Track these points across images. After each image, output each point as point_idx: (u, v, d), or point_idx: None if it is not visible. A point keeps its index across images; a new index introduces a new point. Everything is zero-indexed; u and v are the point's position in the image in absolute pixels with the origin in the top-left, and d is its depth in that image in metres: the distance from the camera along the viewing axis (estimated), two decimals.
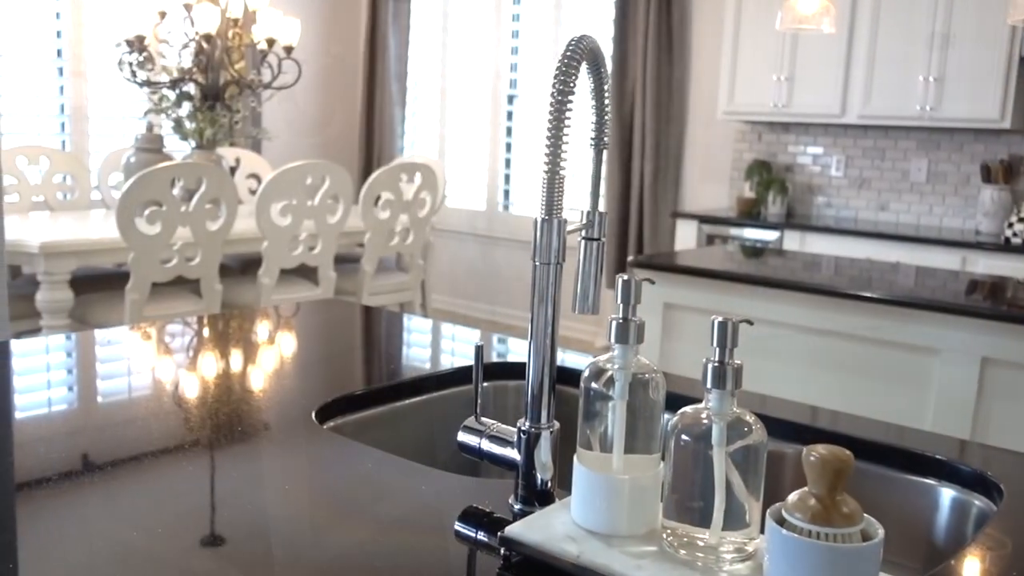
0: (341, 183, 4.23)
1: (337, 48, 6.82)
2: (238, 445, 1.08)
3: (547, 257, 0.90)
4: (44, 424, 1.13)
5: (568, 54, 0.90)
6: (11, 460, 1.00)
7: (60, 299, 3.64)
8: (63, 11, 5.29)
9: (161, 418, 1.16)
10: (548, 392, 0.92)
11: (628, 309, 0.83)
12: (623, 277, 0.83)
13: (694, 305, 2.77)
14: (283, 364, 1.45)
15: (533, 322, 0.91)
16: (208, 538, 0.83)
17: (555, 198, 0.89)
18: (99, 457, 1.02)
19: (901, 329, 2.41)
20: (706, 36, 5.31)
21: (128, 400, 1.25)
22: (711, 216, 4.83)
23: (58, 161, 4.63)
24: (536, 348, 0.91)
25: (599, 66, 0.99)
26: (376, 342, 1.68)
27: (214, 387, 1.31)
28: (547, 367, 0.91)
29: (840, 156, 4.93)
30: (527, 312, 4.19)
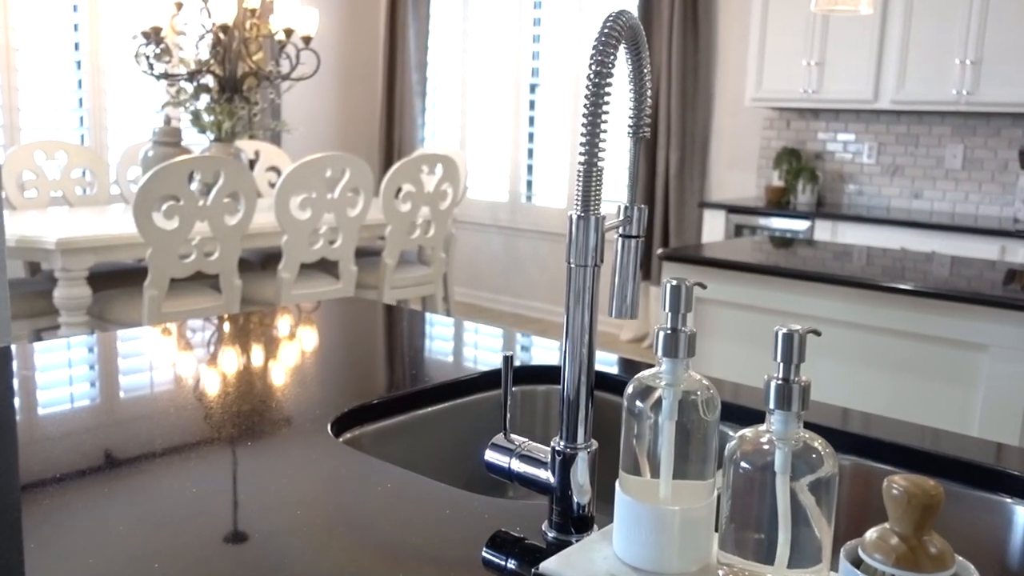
0: (361, 175, 4.16)
1: (356, 38, 6.74)
2: (248, 461, 1.00)
3: (583, 258, 0.81)
4: (41, 433, 1.06)
5: (605, 31, 0.80)
6: (14, 466, 0.93)
7: (78, 296, 3.59)
8: (80, 3, 5.23)
9: (166, 430, 1.08)
10: (585, 408, 0.83)
11: (677, 318, 0.73)
12: (671, 282, 0.74)
13: (727, 300, 2.66)
14: (299, 370, 1.37)
15: (568, 330, 0.82)
16: (205, 574, 0.75)
17: (592, 193, 0.80)
18: (96, 473, 0.94)
19: (947, 324, 2.30)
20: (733, 20, 5.18)
21: (129, 409, 1.17)
22: (739, 206, 4.71)
23: (76, 156, 4.58)
24: (572, 358, 0.82)
25: (639, 46, 0.90)
26: (397, 344, 1.60)
27: (225, 397, 1.23)
28: (584, 380, 0.82)
29: (872, 143, 4.80)
30: (551, 305, 4.13)
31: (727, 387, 1.34)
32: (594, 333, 0.82)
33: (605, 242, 0.84)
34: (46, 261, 3.60)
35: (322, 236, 4.16)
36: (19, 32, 5.00)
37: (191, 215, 3.60)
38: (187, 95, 4.36)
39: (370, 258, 4.81)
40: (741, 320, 2.66)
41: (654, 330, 0.73)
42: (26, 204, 4.37)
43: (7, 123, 5.01)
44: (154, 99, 5.33)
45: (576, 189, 0.81)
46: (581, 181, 0.80)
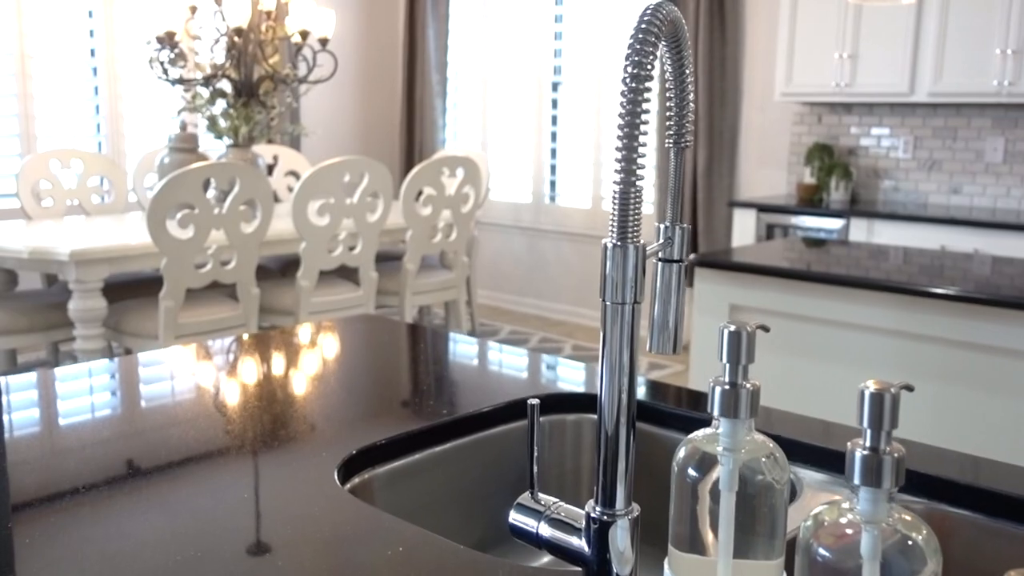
0: (381, 179, 4.05)
1: (374, 39, 6.65)
2: (241, 519, 0.89)
3: (620, 295, 0.69)
4: (42, 461, 0.95)
5: (643, 27, 0.68)
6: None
7: (93, 308, 3.51)
8: (95, 9, 5.17)
9: (155, 475, 0.98)
10: (626, 468, 0.71)
11: (737, 371, 0.61)
12: (730, 327, 0.62)
13: (764, 307, 2.53)
14: (307, 402, 1.26)
15: (604, 377, 0.70)
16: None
17: (630, 217, 0.68)
18: (71, 521, 0.83)
19: (994, 330, 2.16)
20: (760, 13, 5.02)
21: (114, 450, 1.06)
22: (770, 205, 4.56)
23: (92, 164, 4.51)
24: (609, 412, 0.70)
25: (680, 43, 0.77)
26: (414, 370, 1.49)
27: (224, 436, 1.12)
28: (624, 436, 0.70)
29: (908, 137, 4.63)
30: (575, 307, 3.98)
31: (778, 419, 1.22)
32: (633, 382, 0.70)
33: (645, 270, 0.71)
34: (60, 272, 3.52)
35: (341, 242, 4.07)
36: (34, 39, 4.94)
37: (207, 223, 3.51)
38: (203, 100, 4.27)
39: (391, 263, 4.71)
40: (777, 328, 2.53)
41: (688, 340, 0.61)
42: (42, 214, 4.31)
43: (23, 132, 4.96)
44: (171, 104, 5.27)
45: (611, 213, 0.69)
46: (617, 204, 0.68)
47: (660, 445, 1.24)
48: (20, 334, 3.65)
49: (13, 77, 4.89)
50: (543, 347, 5.30)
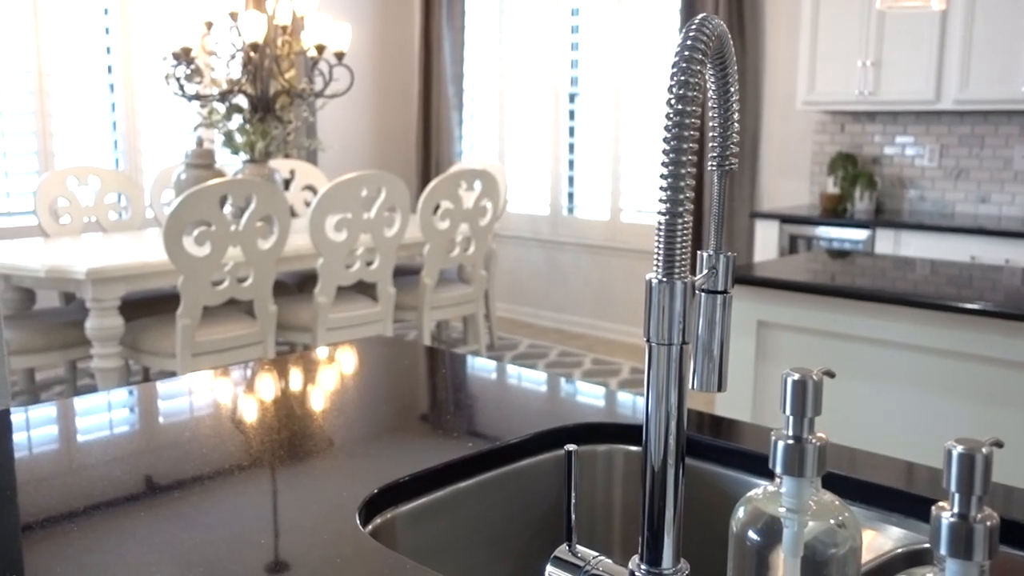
0: (398, 193, 4.01)
1: (390, 52, 6.62)
2: (256, 571, 0.83)
3: (667, 335, 0.63)
4: (48, 491, 0.91)
5: (689, 44, 0.63)
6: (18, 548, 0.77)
7: (110, 326, 3.49)
8: (112, 26, 5.17)
9: (167, 512, 0.93)
10: (675, 521, 0.65)
11: (802, 424, 0.55)
12: (793, 376, 0.56)
13: (792, 323, 2.46)
14: (324, 435, 1.21)
15: (649, 424, 0.64)
16: None
17: (677, 250, 0.62)
18: (65, 558, 0.78)
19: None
20: (781, 21, 4.96)
21: (129, 476, 1.01)
22: (793, 215, 4.49)
23: (109, 180, 4.50)
24: (656, 460, 0.64)
25: (725, 59, 0.72)
26: (433, 398, 1.43)
27: (238, 475, 1.07)
28: (673, 487, 0.64)
29: (933, 145, 4.55)
30: (595, 319, 3.90)
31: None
32: (682, 430, 0.64)
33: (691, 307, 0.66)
34: (77, 291, 3.50)
35: (359, 257, 4.03)
36: (51, 57, 4.94)
37: (223, 240, 3.48)
38: (219, 116, 4.25)
39: (409, 277, 4.67)
40: (806, 344, 2.46)
41: None
42: (60, 231, 4.29)
43: (40, 149, 4.95)
44: (188, 120, 5.25)
45: (656, 245, 0.63)
46: (663, 236, 0.62)
47: (702, 480, 1.18)
48: (37, 353, 3.62)
49: (31, 95, 4.89)
50: (562, 361, 5.23)
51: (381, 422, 1.26)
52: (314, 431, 1.22)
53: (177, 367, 3.52)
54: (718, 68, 0.72)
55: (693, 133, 0.62)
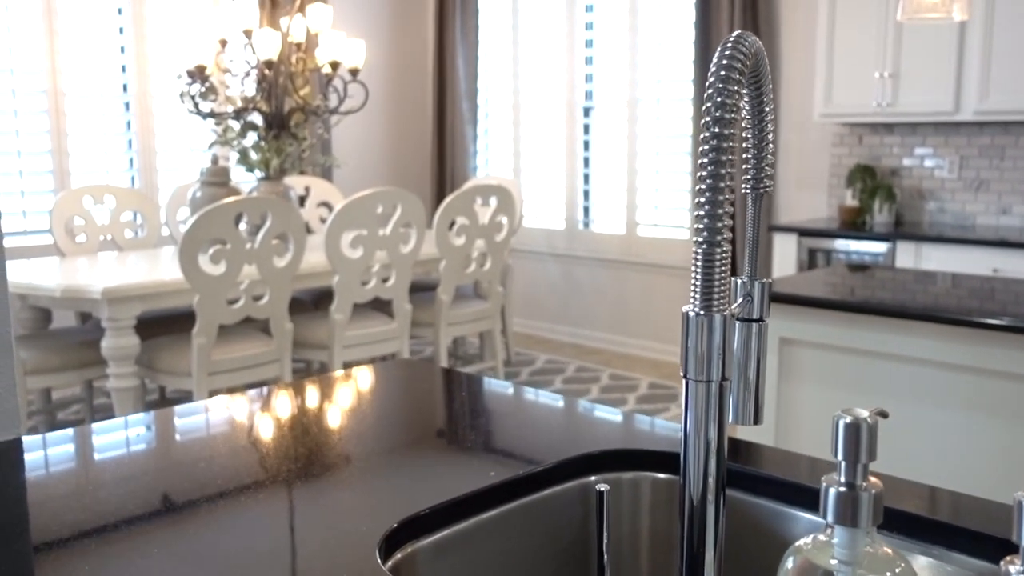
0: (413, 210, 4.00)
1: (404, 68, 6.63)
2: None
3: (706, 371, 0.60)
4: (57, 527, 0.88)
5: (725, 63, 0.60)
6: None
7: (126, 346, 3.48)
8: (127, 45, 5.19)
9: (176, 550, 0.90)
10: (715, 560, 0.61)
11: (856, 470, 0.52)
12: (846, 418, 0.53)
13: (816, 340, 2.42)
14: (341, 464, 1.18)
15: (687, 464, 0.61)
16: None
17: (716, 282, 0.59)
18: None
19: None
20: (797, 32, 4.93)
21: (142, 504, 0.99)
22: (812, 229, 4.44)
23: (125, 199, 4.50)
24: (694, 499, 0.61)
25: (760, 78, 0.69)
26: (452, 425, 1.40)
27: (254, 508, 1.04)
28: (713, 528, 0.61)
29: (953, 156, 4.50)
30: (612, 334, 3.85)
31: (803, 464, 1.11)
32: (722, 470, 0.61)
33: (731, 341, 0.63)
34: (93, 310, 3.49)
35: (375, 274, 4.01)
36: (67, 76, 4.96)
37: (239, 259, 3.47)
38: (234, 133, 4.25)
39: (425, 294, 4.64)
40: (829, 361, 2.42)
41: None
42: (76, 250, 4.29)
43: (57, 168, 4.97)
44: (203, 138, 5.26)
45: (693, 276, 0.60)
46: (700, 267, 0.59)
47: (730, 509, 1.14)
48: (53, 373, 3.61)
49: (46, 114, 4.91)
50: (579, 376, 5.19)
51: (400, 449, 1.23)
52: (332, 459, 1.19)
53: (193, 386, 3.50)
54: (753, 87, 0.69)
55: (731, 157, 0.59)
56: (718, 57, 0.61)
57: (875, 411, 0.53)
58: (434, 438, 1.29)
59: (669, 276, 5.57)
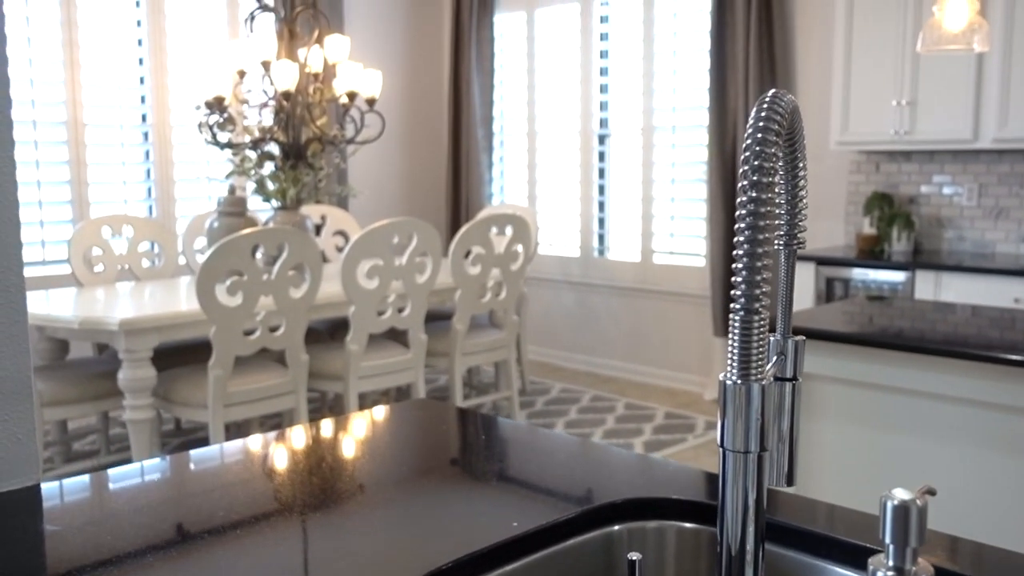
0: (429, 240, 3.99)
1: (420, 97, 6.66)
2: None
3: (744, 442, 0.58)
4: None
5: (761, 124, 0.58)
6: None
7: (143, 377, 3.48)
8: (147, 75, 5.24)
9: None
10: None
11: (904, 554, 0.50)
12: (892, 500, 0.51)
13: (836, 375, 2.39)
14: (360, 515, 1.16)
15: (724, 542, 0.59)
16: None
17: (753, 350, 0.58)
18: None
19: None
20: (812, 61, 4.92)
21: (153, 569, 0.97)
22: (830, 257, 4.41)
23: (142, 229, 4.52)
24: (732, 569, 0.59)
25: (794, 135, 0.67)
26: (472, 471, 1.38)
27: (268, 561, 1.02)
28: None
29: (972, 184, 4.47)
30: (627, 363, 3.83)
31: (832, 514, 1.09)
32: (760, 547, 0.58)
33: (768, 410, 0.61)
34: (111, 342, 3.49)
35: (390, 304, 4.00)
36: (87, 107, 5.00)
37: (255, 290, 3.47)
38: (251, 163, 4.27)
39: (440, 323, 4.63)
40: (852, 397, 2.39)
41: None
42: (93, 280, 4.31)
43: (75, 198, 5.00)
44: (221, 167, 5.29)
45: (730, 344, 0.58)
46: (738, 335, 0.58)
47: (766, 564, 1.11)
48: (70, 404, 3.62)
49: (65, 145, 4.95)
50: (595, 406, 5.16)
51: (420, 496, 1.21)
52: (350, 508, 1.17)
53: (209, 418, 3.50)
54: (788, 146, 0.68)
55: (769, 222, 0.57)
56: (754, 118, 0.59)
57: (923, 490, 0.51)
58: (453, 484, 1.27)
59: (685, 304, 5.55)
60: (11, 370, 1.28)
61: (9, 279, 1.27)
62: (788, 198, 0.72)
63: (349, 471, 1.32)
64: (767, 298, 0.59)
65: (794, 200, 0.71)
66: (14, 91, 4.71)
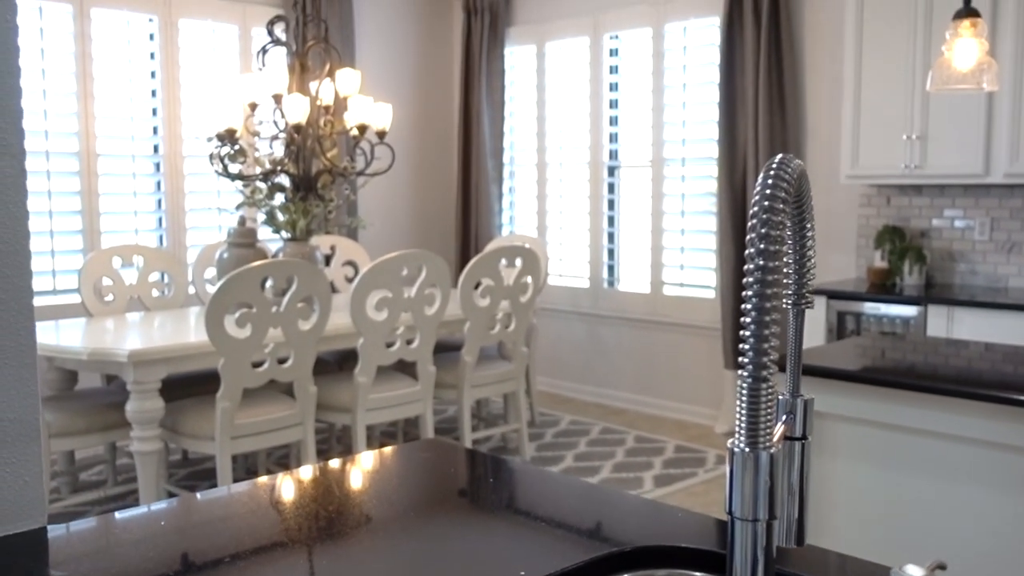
0: (438, 272, 4.00)
1: (430, 129, 6.70)
2: None
3: (752, 510, 0.57)
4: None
5: (768, 192, 0.58)
6: None
7: (151, 409, 3.48)
8: (159, 107, 5.28)
9: None
10: None
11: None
12: (914, 570, 0.50)
13: (849, 415, 2.37)
14: (366, 568, 1.15)
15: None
16: None
17: (761, 418, 0.57)
18: None
19: None
20: (822, 93, 4.93)
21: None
22: (841, 291, 4.39)
23: (153, 259, 4.54)
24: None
25: (802, 197, 0.67)
26: (482, 517, 1.37)
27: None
28: None
29: (984, 218, 4.45)
30: (636, 394, 3.81)
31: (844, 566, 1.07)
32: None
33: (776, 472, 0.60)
34: (119, 373, 3.50)
35: (399, 336, 4.00)
36: (100, 137, 5.05)
37: (264, 322, 3.47)
38: (262, 194, 4.29)
39: (449, 354, 4.62)
40: (864, 437, 2.36)
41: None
42: (103, 310, 4.32)
43: (87, 227, 5.03)
44: (232, 197, 5.32)
45: (738, 412, 0.58)
46: (746, 402, 0.57)
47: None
48: (78, 435, 3.62)
49: (77, 176, 4.99)
50: (604, 439, 5.13)
51: (426, 543, 1.20)
52: (355, 553, 1.16)
53: (216, 451, 3.49)
54: (795, 208, 0.67)
55: (777, 291, 0.57)
56: (761, 185, 0.59)
57: (933, 565, 0.50)
58: (460, 528, 1.26)
59: (695, 336, 5.53)
60: (19, 411, 1.28)
61: (19, 321, 1.28)
62: (796, 258, 0.71)
63: (353, 518, 1.31)
64: (775, 365, 0.58)
65: (802, 260, 0.71)
66: (28, 122, 4.75)
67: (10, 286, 1.27)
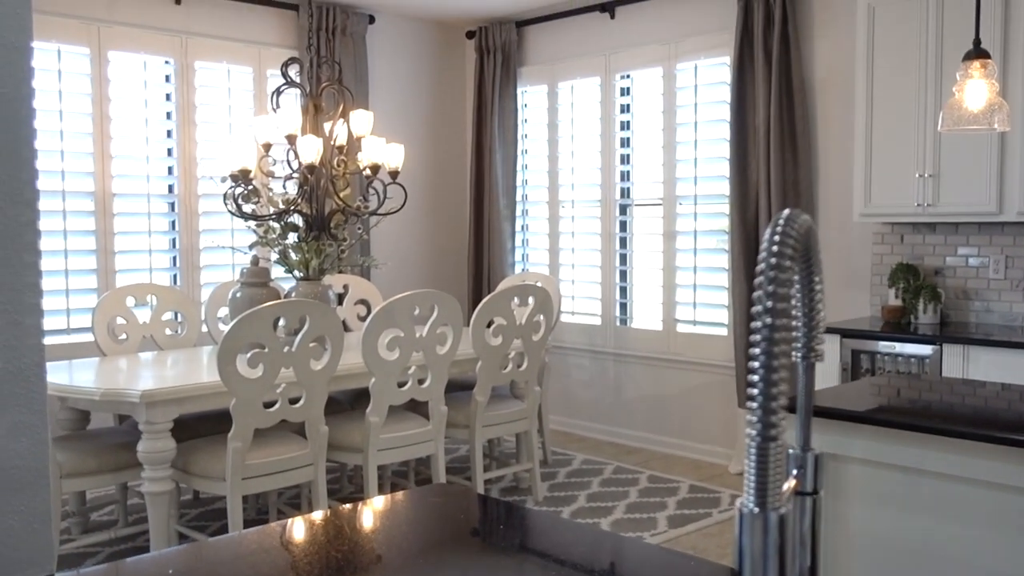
0: (450, 311, 4.00)
1: (443, 168, 6.74)
2: None
3: (761, 571, 0.56)
4: None
5: (775, 250, 0.58)
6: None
7: (162, 449, 3.47)
8: (174, 147, 5.34)
9: None
10: None
11: None
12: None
13: (864, 457, 2.34)
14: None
15: None
16: None
17: (770, 478, 0.56)
18: None
19: None
20: (832, 132, 4.94)
21: None
22: (855, 330, 4.37)
23: (166, 299, 4.56)
24: None
25: (810, 252, 0.67)
26: (491, 565, 1.35)
27: None
28: None
29: (998, 256, 4.43)
30: (650, 433, 3.79)
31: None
32: None
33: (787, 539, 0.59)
34: (132, 413, 3.50)
35: (411, 375, 3.99)
36: (117, 179, 5.10)
37: (276, 362, 3.47)
38: (275, 234, 4.31)
39: (461, 393, 4.61)
40: (879, 480, 2.33)
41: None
42: (116, 349, 4.34)
43: (101, 267, 5.07)
44: (245, 237, 5.35)
45: (747, 472, 0.57)
46: (755, 462, 0.56)
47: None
48: (90, 476, 3.61)
49: (92, 216, 5.04)
50: (617, 479, 5.09)
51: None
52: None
53: (227, 491, 3.48)
54: (802, 262, 0.67)
55: (785, 348, 0.56)
56: (767, 242, 0.59)
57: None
58: (471, 575, 1.24)
59: (709, 374, 5.50)
60: (28, 459, 1.28)
61: (30, 369, 1.28)
62: (805, 310, 0.71)
63: (362, 566, 1.30)
64: (784, 423, 0.57)
65: (811, 314, 0.70)
66: (44, 163, 4.80)
67: (21, 332, 1.28)
